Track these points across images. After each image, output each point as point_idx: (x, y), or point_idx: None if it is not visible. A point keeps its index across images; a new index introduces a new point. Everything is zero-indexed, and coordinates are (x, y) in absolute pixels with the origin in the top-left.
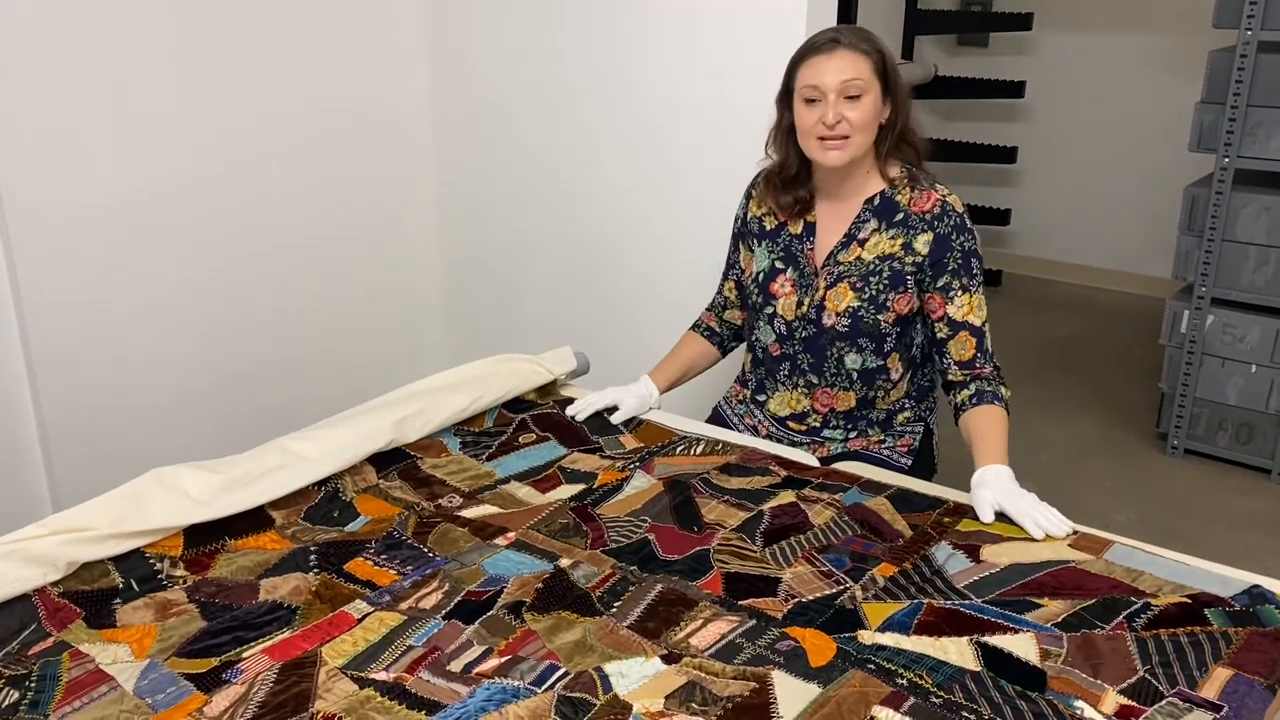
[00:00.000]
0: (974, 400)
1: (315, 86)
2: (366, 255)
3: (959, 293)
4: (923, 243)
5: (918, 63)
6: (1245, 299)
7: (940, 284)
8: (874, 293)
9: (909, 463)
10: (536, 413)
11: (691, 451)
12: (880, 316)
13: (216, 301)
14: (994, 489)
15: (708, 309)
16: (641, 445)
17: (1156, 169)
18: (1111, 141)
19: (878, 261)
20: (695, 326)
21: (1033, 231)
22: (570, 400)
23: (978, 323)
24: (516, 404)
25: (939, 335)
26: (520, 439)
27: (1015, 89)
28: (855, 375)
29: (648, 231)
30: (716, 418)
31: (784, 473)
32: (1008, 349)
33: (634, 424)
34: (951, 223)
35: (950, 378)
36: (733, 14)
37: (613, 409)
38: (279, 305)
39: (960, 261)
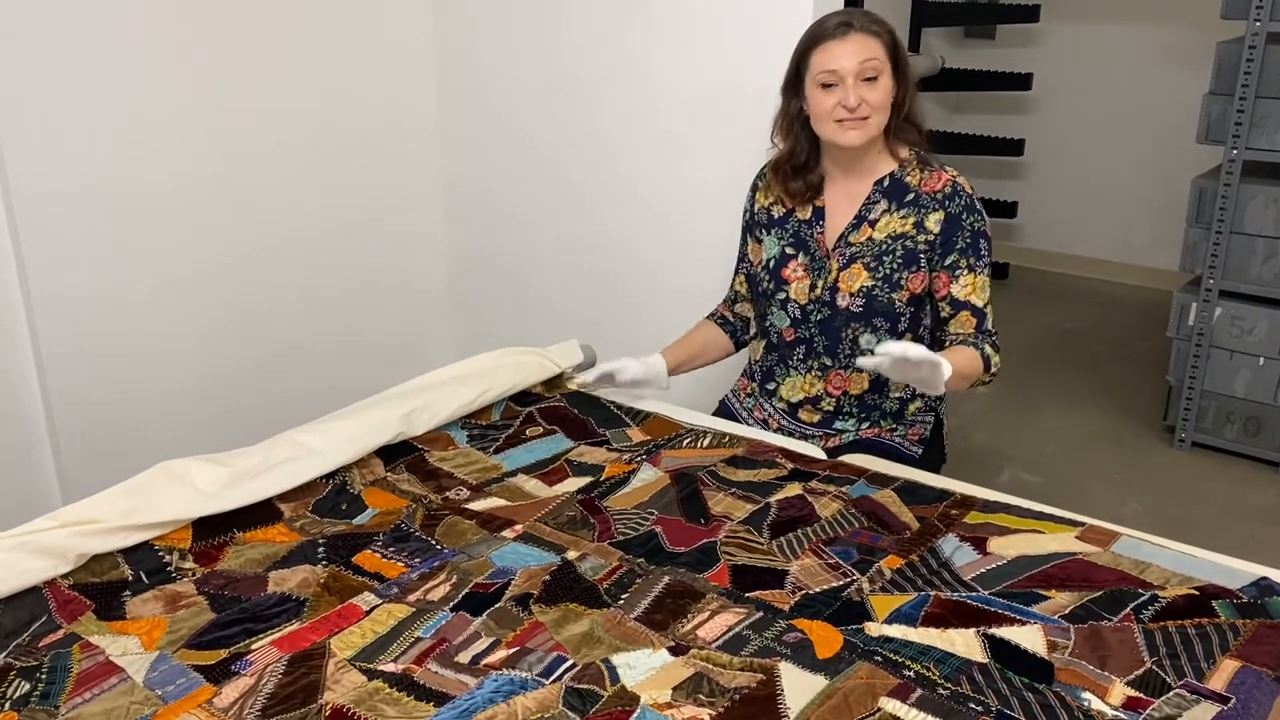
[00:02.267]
0: (959, 342)
1: (322, 82)
2: (373, 250)
3: (964, 272)
4: (934, 221)
5: (924, 55)
6: (1253, 291)
7: (948, 262)
8: (888, 272)
9: (919, 452)
10: (543, 406)
11: (698, 444)
12: (894, 295)
13: (224, 296)
14: (903, 347)
15: (722, 302)
16: (649, 438)
17: (1164, 161)
18: (1119, 133)
19: (890, 241)
20: (711, 315)
21: (1040, 224)
22: (576, 394)
23: (980, 304)
24: (523, 397)
25: (942, 314)
26: (527, 432)
27: (1022, 81)
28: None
29: (653, 224)
30: (724, 411)
31: (791, 465)
32: (1015, 341)
33: (641, 417)
34: (962, 203)
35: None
36: (738, 5)
37: (618, 376)
38: (287, 299)
39: (969, 240)
